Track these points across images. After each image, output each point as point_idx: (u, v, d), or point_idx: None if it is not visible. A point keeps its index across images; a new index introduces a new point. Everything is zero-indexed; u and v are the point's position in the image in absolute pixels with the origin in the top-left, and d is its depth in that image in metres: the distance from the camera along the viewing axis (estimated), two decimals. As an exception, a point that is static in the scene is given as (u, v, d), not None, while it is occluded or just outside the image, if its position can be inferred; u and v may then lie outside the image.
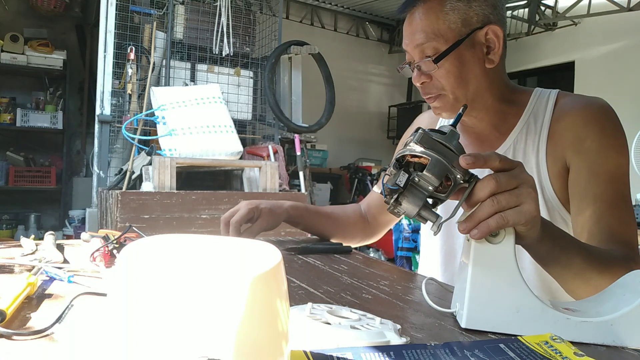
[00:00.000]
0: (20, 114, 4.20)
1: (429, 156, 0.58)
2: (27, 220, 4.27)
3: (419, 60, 0.88)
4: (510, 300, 0.58)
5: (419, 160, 0.60)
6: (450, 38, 0.86)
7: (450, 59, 0.86)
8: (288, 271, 0.82)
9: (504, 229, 0.59)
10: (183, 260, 0.32)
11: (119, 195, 2.25)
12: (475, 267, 0.59)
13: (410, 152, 0.60)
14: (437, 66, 0.86)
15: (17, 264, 0.76)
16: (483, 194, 0.57)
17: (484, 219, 0.57)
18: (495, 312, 0.58)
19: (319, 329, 0.48)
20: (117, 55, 2.91)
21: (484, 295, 0.59)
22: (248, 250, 0.35)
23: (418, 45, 0.87)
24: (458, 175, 0.59)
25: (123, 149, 3.06)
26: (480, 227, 0.57)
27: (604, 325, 0.56)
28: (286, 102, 3.80)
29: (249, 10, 3.52)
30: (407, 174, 0.60)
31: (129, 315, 0.30)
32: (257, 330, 0.31)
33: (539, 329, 0.56)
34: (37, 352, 0.45)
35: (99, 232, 1.01)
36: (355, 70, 6.26)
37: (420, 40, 0.86)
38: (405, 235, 3.96)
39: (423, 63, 0.87)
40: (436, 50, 0.86)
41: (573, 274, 0.72)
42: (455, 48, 0.86)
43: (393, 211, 0.62)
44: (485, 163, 0.57)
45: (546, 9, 5.05)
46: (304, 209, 1.14)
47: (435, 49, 0.86)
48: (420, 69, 0.88)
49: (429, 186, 0.59)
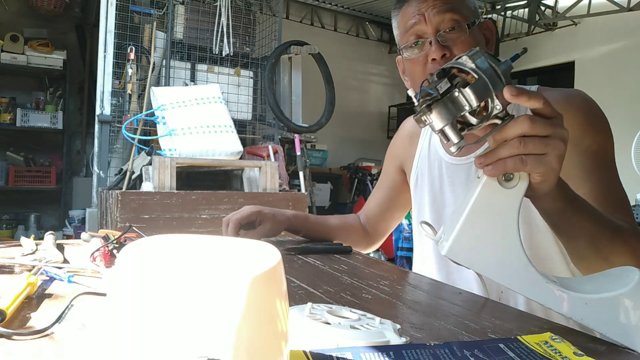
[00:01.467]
0: (20, 114, 4.20)
1: (477, 75, 0.56)
2: (27, 220, 4.27)
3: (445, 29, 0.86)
4: (499, 247, 0.57)
5: (465, 77, 0.58)
6: (470, 16, 0.88)
7: (474, 32, 0.87)
8: (288, 271, 0.82)
9: (519, 175, 0.58)
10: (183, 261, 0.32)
11: (119, 195, 2.25)
12: (477, 203, 0.58)
13: (460, 65, 0.57)
14: (468, 33, 0.86)
15: (17, 264, 0.76)
16: (513, 132, 0.56)
17: (504, 157, 0.57)
18: (479, 252, 0.57)
19: (319, 329, 0.48)
20: (117, 55, 2.91)
21: (474, 232, 0.58)
22: (248, 250, 0.35)
23: (445, 14, 0.86)
24: (497, 106, 0.57)
25: (123, 149, 3.06)
26: (497, 164, 0.57)
27: (578, 301, 0.56)
28: (286, 102, 3.80)
29: (249, 10, 3.52)
30: (449, 84, 0.57)
31: (128, 315, 0.30)
32: (257, 330, 0.31)
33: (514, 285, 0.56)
34: (37, 352, 0.45)
35: (99, 232, 1.01)
36: (355, 70, 6.26)
37: (448, 10, 0.86)
38: (405, 235, 3.96)
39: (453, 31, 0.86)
40: (459, 23, 0.86)
41: (584, 240, 0.71)
42: (476, 24, 0.88)
43: (420, 118, 0.60)
44: (528, 100, 0.56)
45: (546, 9, 5.05)
46: (304, 218, 1.14)
47: (459, 21, 0.86)
48: (441, 41, 0.86)
49: (466, 105, 0.57)
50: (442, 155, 1.03)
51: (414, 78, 0.93)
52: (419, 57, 0.89)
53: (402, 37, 0.92)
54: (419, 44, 0.89)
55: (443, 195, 1.02)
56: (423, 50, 0.88)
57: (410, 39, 0.89)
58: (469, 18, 0.87)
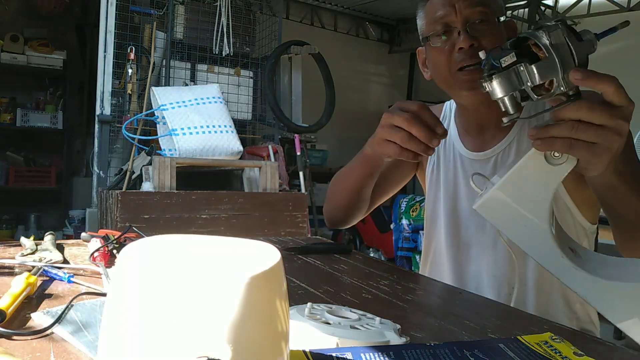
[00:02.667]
0: (20, 114, 4.19)
1: (548, 54, 0.56)
2: (27, 220, 4.26)
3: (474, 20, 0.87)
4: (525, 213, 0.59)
5: (537, 51, 0.57)
6: (498, 11, 0.90)
7: (500, 27, 0.89)
8: (288, 271, 0.82)
9: (568, 155, 0.59)
10: (183, 260, 0.32)
11: (119, 195, 2.25)
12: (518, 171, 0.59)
13: (535, 39, 0.57)
14: (497, 24, 0.88)
15: (17, 264, 0.76)
16: (570, 114, 0.57)
17: (555, 136, 0.57)
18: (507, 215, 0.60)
19: (319, 328, 0.48)
20: (117, 55, 2.91)
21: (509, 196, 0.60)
22: (248, 250, 0.35)
23: (475, 6, 0.87)
24: (562, 88, 0.56)
25: (123, 149, 3.06)
26: (547, 141, 0.58)
27: (590, 282, 0.56)
28: (286, 102, 3.80)
29: (249, 10, 3.52)
30: (515, 58, 0.57)
31: (128, 315, 0.30)
32: (257, 330, 0.31)
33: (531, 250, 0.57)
34: (37, 352, 0.45)
35: (99, 232, 1.01)
36: (355, 70, 6.26)
37: (478, 2, 0.87)
38: (405, 235, 3.96)
39: (483, 23, 0.87)
40: (489, 16, 0.88)
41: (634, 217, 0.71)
42: (502, 20, 0.90)
43: (481, 84, 0.61)
44: (596, 84, 0.56)
45: (546, 9, 5.04)
46: None
47: (488, 14, 0.88)
48: (470, 31, 0.87)
49: (528, 82, 0.57)
50: (459, 148, 1.03)
51: (437, 68, 0.93)
52: (445, 47, 0.89)
53: (429, 25, 0.92)
54: (446, 33, 0.89)
55: (457, 188, 1.02)
56: (450, 39, 0.89)
57: (437, 27, 0.90)
58: (496, 12, 0.89)
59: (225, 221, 2.47)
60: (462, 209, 1.01)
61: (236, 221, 2.50)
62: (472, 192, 0.99)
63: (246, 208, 2.53)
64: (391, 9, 5.67)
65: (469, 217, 0.99)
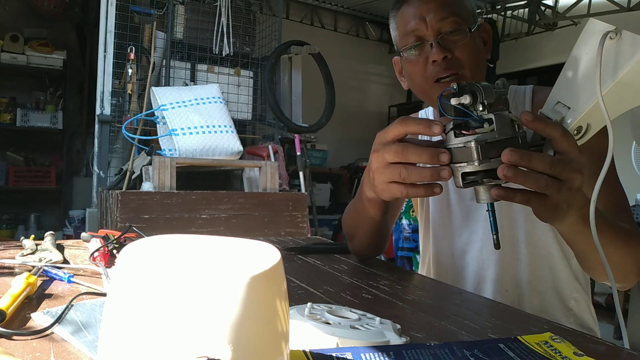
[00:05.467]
0: (20, 114, 4.19)
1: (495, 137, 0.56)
2: (27, 220, 4.26)
3: (446, 31, 0.86)
4: None
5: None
6: (470, 19, 0.88)
7: (473, 35, 0.88)
8: (288, 271, 0.82)
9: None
10: (183, 260, 0.32)
11: (119, 195, 2.25)
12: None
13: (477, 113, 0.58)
14: (469, 35, 0.86)
15: (17, 264, 0.76)
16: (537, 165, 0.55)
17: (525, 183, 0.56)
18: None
19: (319, 328, 0.48)
20: (117, 55, 2.91)
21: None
22: (247, 250, 0.35)
23: (446, 17, 0.86)
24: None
25: (123, 149, 3.06)
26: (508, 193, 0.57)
27: None
28: (286, 102, 3.80)
29: (249, 10, 3.52)
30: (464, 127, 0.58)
31: (128, 315, 0.30)
32: (257, 330, 0.31)
33: None
34: (37, 352, 0.45)
35: (99, 232, 1.01)
36: (355, 70, 6.26)
37: (449, 13, 0.86)
38: (405, 235, 3.96)
39: (454, 34, 0.86)
40: (460, 26, 0.87)
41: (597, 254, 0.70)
42: (476, 26, 0.88)
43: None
44: (543, 129, 0.56)
45: (546, 9, 5.04)
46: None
47: (459, 24, 0.86)
48: (442, 43, 0.86)
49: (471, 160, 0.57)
50: None
51: (413, 80, 0.92)
52: (419, 59, 0.88)
53: (402, 38, 0.91)
54: (418, 46, 0.88)
55: (447, 195, 1.02)
56: (423, 52, 0.88)
57: (410, 40, 0.88)
58: (468, 21, 0.88)
59: (225, 221, 2.47)
60: (453, 217, 1.01)
61: (236, 221, 2.50)
62: (461, 199, 1.00)
63: (246, 208, 2.53)
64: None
65: (460, 224, 1.00)
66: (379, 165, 0.65)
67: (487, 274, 0.96)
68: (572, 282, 0.94)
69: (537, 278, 0.93)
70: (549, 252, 0.93)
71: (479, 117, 0.57)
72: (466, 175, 0.59)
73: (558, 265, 0.93)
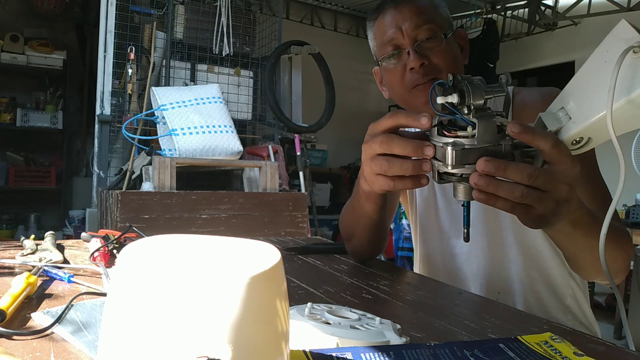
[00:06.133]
0: (20, 114, 4.19)
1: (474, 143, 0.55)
2: (27, 220, 4.26)
3: (422, 39, 0.88)
4: None
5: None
6: (445, 25, 0.91)
7: (450, 41, 0.90)
8: (288, 271, 0.82)
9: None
10: (183, 260, 0.32)
11: (119, 195, 2.25)
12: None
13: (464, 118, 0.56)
14: (444, 42, 0.88)
15: (17, 264, 0.76)
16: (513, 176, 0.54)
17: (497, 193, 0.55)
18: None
19: (319, 328, 0.48)
20: (117, 55, 2.91)
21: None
22: (248, 250, 0.35)
23: (422, 25, 0.88)
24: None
25: (123, 149, 3.06)
26: (489, 197, 0.55)
27: None
28: (286, 102, 3.80)
29: (249, 10, 3.52)
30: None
31: (128, 315, 0.30)
32: (257, 330, 0.31)
33: None
34: (37, 352, 0.45)
35: (99, 232, 1.01)
36: (355, 70, 6.26)
37: (424, 21, 0.88)
38: (405, 235, 3.96)
39: (430, 40, 0.88)
40: (436, 33, 0.89)
41: (587, 254, 0.70)
42: (452, 32, 0.91)
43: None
44: (532, 141, 0.54)
45: (546, 9, 5.04)
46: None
47: (435, 31, 0.89)
48: (419, 50, 0.88)
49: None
50: None
51: (392, 88, 0.94)
52: (398, 67, 0.90)
53: (380, 48, 0.93)
54: (396, 55, 0.90)
55: (434, 200, 1.03)
56: (401, 60, 0.90)
57: (387, 50, 0.91)
58: (444, 28, 0.90)
59: (225, 221, 2.47)
60: (441, 219, 1.02)
61: (236, 221, 2.50)
62: (448, 204, 1.00)
63: (246, 208, 2.53)
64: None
65: (449, 227, 1.00)
66: (367, 156, 0.65)
67: (477, 276, 0.96)
68: (567, 279, 0.94)
69: (530, 278, 0.93)
70: (539, 251, 0.93)
71: (465, 118, 0.56)
72: (442, 174, 0.58)
73: (550, 263, 0.93)
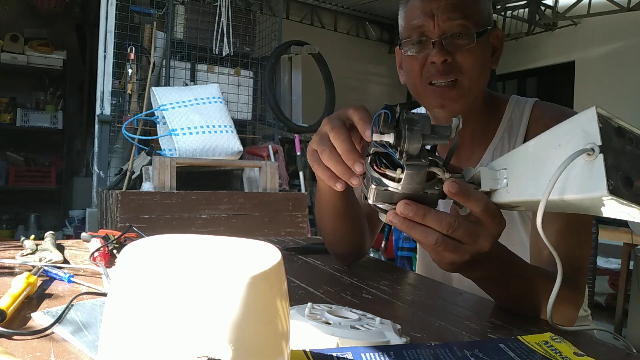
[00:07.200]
0: (20, 114, 4.19)
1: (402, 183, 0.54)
2: (27, 220, 4.26)
3: (451, 33, 0.81)
4: None
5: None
6: (482, 23, 0.83)
7: (481, 41, 0.82)
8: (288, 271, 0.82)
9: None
10: (183, 260, 0.32)
11: (119, 195, 2.25)
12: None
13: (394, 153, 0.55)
14: (475, 41, 0.81)
15: (17, 264, 0.76)
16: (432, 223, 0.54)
17: (410, 236, 0.56)
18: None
19: (319, 328, 0.48)
20: (117, 55, 2.91)
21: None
22: (248, 250, 0.35)
23: (455, 19, 0.80)
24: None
25: (123, 149, 3.06)
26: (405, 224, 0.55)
27: None
28: (286, 102, 3.80)
29: (249, 10, 3.52)
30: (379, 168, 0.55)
31: (128, 315, 0.30)
32: (257, 329, 0.31)
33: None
34: (37, 352, 0.45)
35: (99, 232, 1.01)
36: (355, 70, 6.26)
37: (459, 15, 0.80)
38: (405, 235, 3.96)
39: (460, 37, 0.81)
40: (469, 30, 0.81)
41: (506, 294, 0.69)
42: (486, 32, 0.83)
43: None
44: (465, 202, 0.54)
45: (546, 9, 5.04)
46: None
47: (468, 28, 0.81)
48: (445, 45, 0.81)
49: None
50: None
51: (409, 76, 0.88)
52: (418, 56, 0.84)
53: (405, 30, 0.86)
54: (420, 43, 0.83)
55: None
56: (424, 49, 0.83)
57: (413, 35, 0.83)
58: (479, 25, 0.82)
59: (225, 221, 2.47)
60: None
61: (236, 221, 2.50)
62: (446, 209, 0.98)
63: (246, 208, 2.53)
64: (391, 9, 5.67)
65: None
66: (319, 131, 0.64)
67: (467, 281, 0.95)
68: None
69: None
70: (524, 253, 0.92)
71: (397, 160, 0.54)
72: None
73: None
